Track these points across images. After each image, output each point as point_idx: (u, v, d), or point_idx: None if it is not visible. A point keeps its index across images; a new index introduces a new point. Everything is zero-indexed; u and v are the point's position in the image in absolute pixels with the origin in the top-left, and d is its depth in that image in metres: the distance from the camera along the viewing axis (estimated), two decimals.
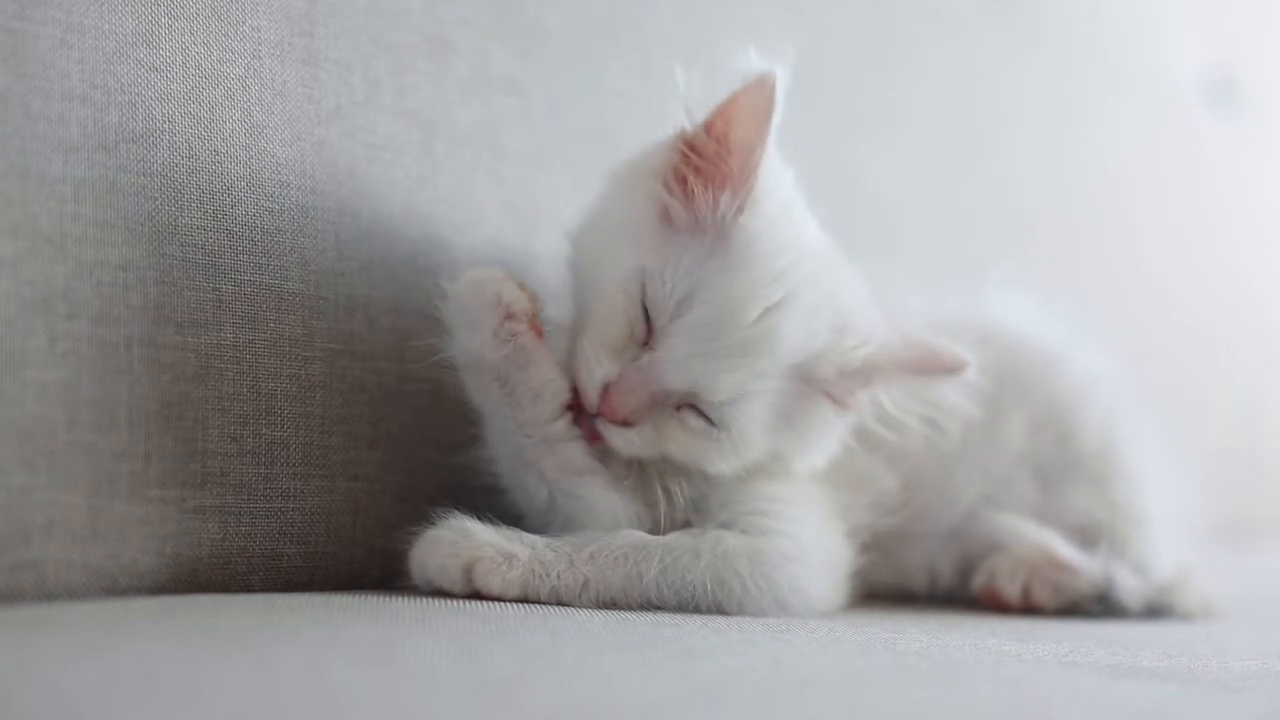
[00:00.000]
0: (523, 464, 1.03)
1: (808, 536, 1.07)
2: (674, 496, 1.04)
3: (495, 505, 1.05)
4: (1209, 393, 2.19)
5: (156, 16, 1.00)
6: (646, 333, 1.00)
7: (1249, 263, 2.45)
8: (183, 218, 1.00)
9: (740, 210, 1.00)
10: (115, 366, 0.95)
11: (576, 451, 1.03)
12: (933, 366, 1.05)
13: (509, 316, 1.00)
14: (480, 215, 1.20)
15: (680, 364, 0.99)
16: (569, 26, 1.32)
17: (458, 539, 0.98)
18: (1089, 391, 1.29)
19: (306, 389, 1.06)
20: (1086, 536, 1.22)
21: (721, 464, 1.03)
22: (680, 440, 1.02)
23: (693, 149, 1.01)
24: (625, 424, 1.01)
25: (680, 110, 1.02)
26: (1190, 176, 2.32)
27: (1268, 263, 2.49)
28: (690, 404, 1.01)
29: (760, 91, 0.98)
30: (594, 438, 1.03)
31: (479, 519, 0.99)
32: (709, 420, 1.01)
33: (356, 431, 1.09)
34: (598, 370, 1.00)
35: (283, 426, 1.04)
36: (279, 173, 1.06)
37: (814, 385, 1.03)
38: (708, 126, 1.01)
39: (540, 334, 1.02)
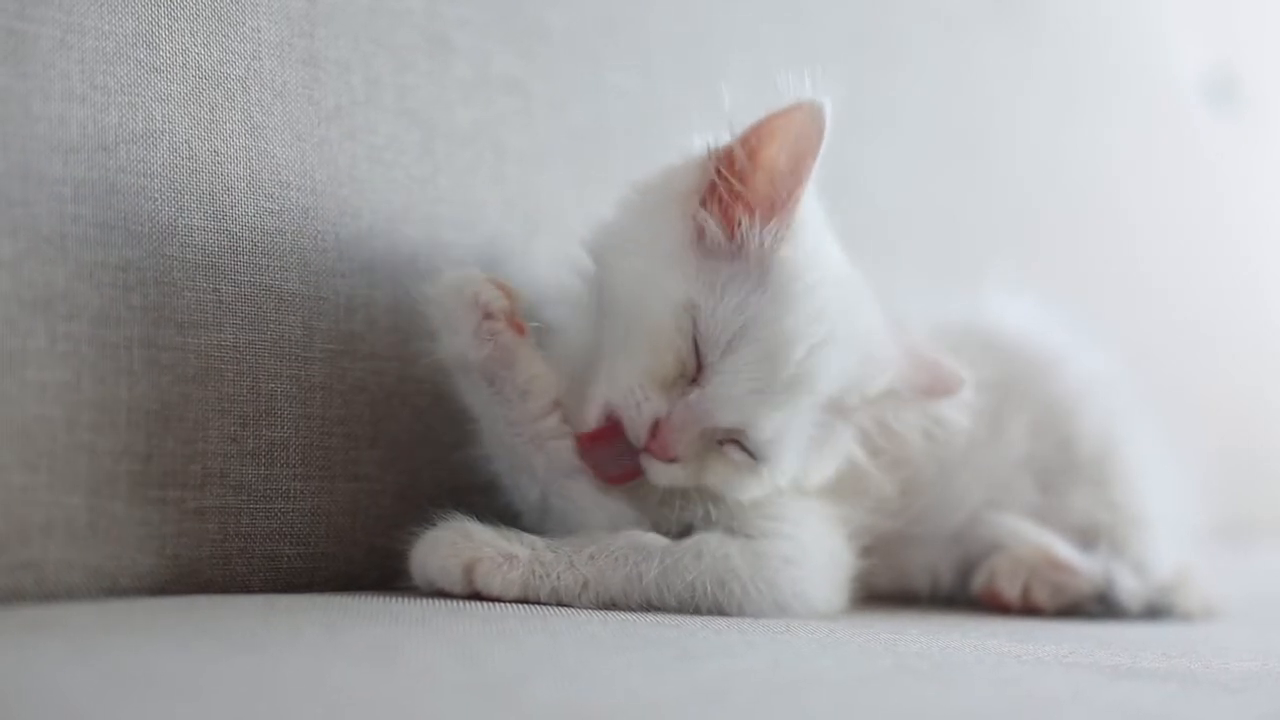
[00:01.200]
0: (515, 464, 1.03)
1: (809, 539, 1.07)
2: (674, 508, 1.04)
3: (494, 506, 1.05)
4: (1209, 393, 2.19)
5: (157, 17, 1.00)
6: (696, 369, 0.99)
7: (1249, 262, 2.45)
8: (183, 218, 1.00)
9: (781, 241, 0.99)
10: (115, 367, 0.95)
11: (566, 449, 1.02)
12: (937, 388, 1.06)
13: (487, 316, 1.00)
14: (481, 215, 1.20)
15: (733, 401, 0.99)
16: (570, 26, 1.32)
17: (458, 539, 0.98)
18: (1089, 393, 1.29)
19: (307, 390, 1.06)
20: (1087, 538, 1.22)
21: (756, 492, 1.03)
22: (720, 472, 1.02)
23: (729, 167, 0.99)
24: (672, 460, 1.00)
25: (722, 128, 1.01)
26: (1191, 176, 2.32)
27: (1268, 262, 2.49)
28: (734, 439, 1.01)
29: (810, 120, 0.97)
30: (611, 479, 1.02)
31: (479, 520, 0.99)
32: (751, 454, 1.01)
33: (356, 432, 1.09)
34: (646, 406, 0.99)
35: (283, 427, 1.04)
36: (279, 173, 1.06)
37: (840, 414, 1.04)
38: (746, 146, 0.99)
39: (522, 330, 1.01)
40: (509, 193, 1.23)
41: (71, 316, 0.93)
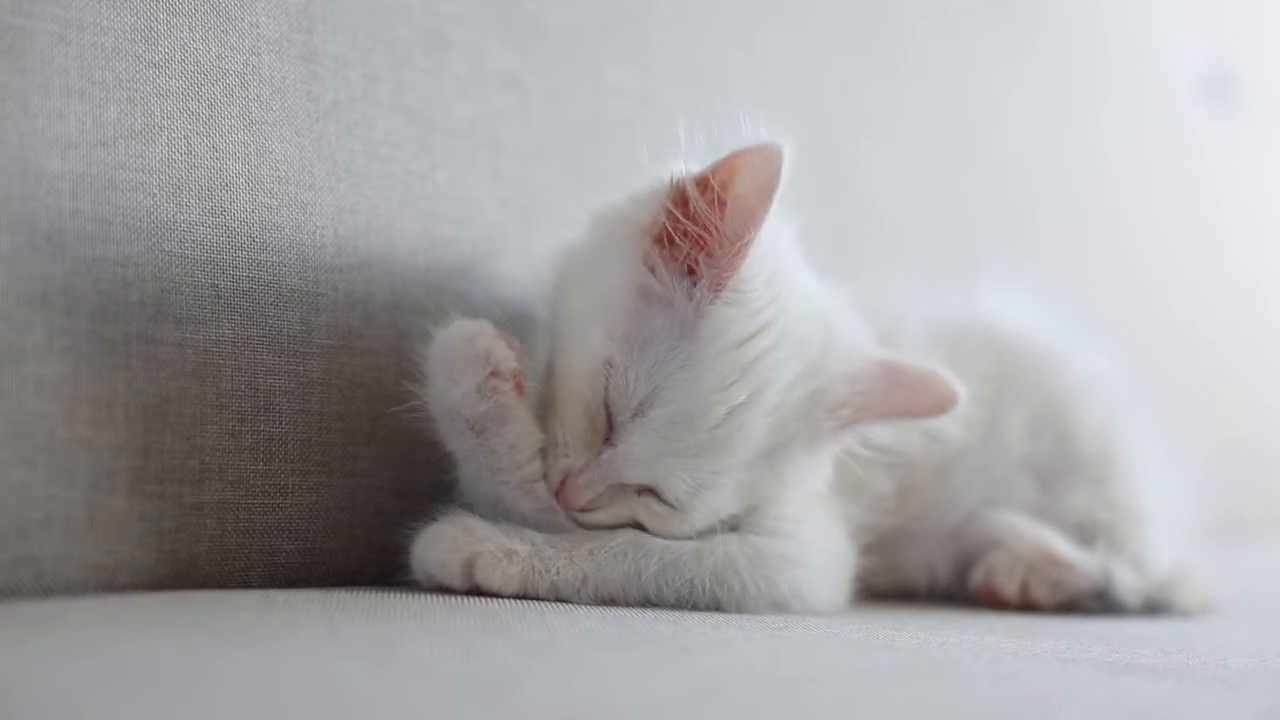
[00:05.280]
0: (501, 510, 1.01)
1: (811, 538, 1.06)
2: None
3: None
4: (1207, 389, 2.19)
5: (155, 12, 1.00)
6: (608, 427, 0.98)
7: (1248, 259, 2.45)
8: (181, 214, 1.00)
9: (719, 292, 0.96)
10: (113, 362, 0.95)
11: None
12: (920, 407, 1.03)
13: (494, 373, 0.98)
14: (478, 211, 1.20)
15: (640, 462, 0.98)
16: (567, 22, 1.32)
17: (458, 534, 0.97)
18: (1087, 391, 1.29)
19: (304, 385, 1.06)
20: (1085, 534, 1.22)
21: (691, 532, 1.01)
22: (645, 516, 1.01)
23: (682, 206, 0.97)
24: (583, 511, 1.00)
25: (687, 159, 0.98)
26: (1189, 174, 2.32)
27: (1265, 259, 2.49)
28: (650, 490, 1.00)
29: (765, 164, 0.93)
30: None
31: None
32: (670, 505, 1.00)
33: (354, 428, 1.09)
34: (562, 460, 0.99)
35: (281, 423, 1.04)
36: (277, 169, 1.06)
37: (785, 454, 1.02)
38: (701, 185, 0.95)
39: (522, 390, 0.99)
40: (506, 188, 1.23)
41: (70, 312, 0.93)
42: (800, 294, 1.03)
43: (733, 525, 1.04)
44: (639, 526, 1.02)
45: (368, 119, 1.13)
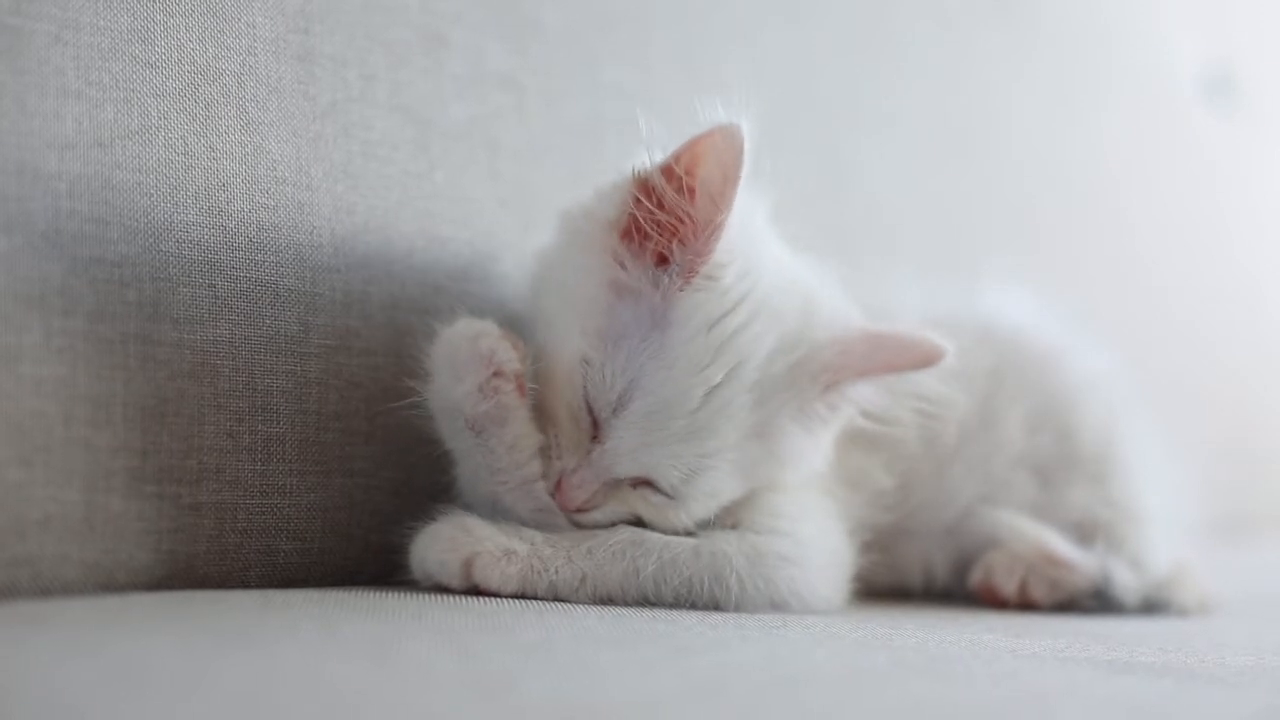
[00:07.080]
0: (498, 510, 1.01)
1: (809, 537, 1.06)
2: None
3: None
4: (1207, 388, 2.19)
5: (152, 13, 1.00)
6: (593, 425, 0.99)
7: (1248, 259, 2.45)
8: (178, 214, 1.00)
9: (689, 281, 0.97)
10: (111, 363, 0.95)
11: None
12: (906, 361, 1.02)
13: (497, 374, 0.98)
14: (476, 211, 1.20)
15: (629, 455, 0.98)
16: (565, 22, 1.32)
17: (457, 534, 0.97)
18: (1087, 389, 1.29)
19: (302, 385, 1.06)
20: (1084, 533, 1.22)
21: (691, 522, 1.02)
22: (643, 509, 1.01)
23: (648, 194, 0.97)
24: (581, 511, 1.00)
25: (641, 154, 0.98)
26: (1189, 173, 2.32)
27: (1265, 258, 2.49)
28: (645, 482, 1.00)
29: (728, 144, 0.93)
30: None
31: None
32: (667, 495, 1.00)
33: (352, 427, 1.09)
34: (557, 463, 0.99)
35: (279, 422, 1.04)
36: (275, 169, 1.06)
37: (776, 429, 1.01)
38: (667, 173, 0.96)
39: (523, 391, 0.99)
40: (504, 189, 1.23)
41: (67, 312, 0.93)
42: (773, 268, 1.02)
43: (732, 523, 1.04)
44: (640, 522, 1.02)
45: (365, 119, 1.13)
